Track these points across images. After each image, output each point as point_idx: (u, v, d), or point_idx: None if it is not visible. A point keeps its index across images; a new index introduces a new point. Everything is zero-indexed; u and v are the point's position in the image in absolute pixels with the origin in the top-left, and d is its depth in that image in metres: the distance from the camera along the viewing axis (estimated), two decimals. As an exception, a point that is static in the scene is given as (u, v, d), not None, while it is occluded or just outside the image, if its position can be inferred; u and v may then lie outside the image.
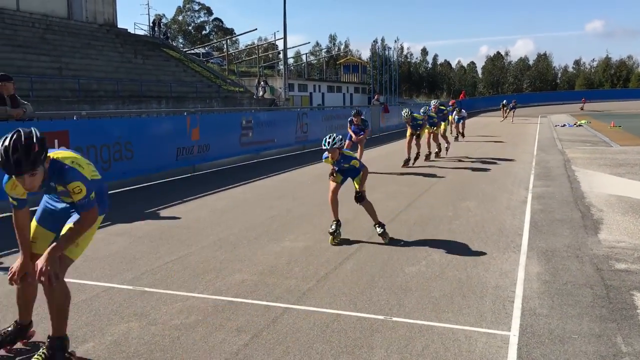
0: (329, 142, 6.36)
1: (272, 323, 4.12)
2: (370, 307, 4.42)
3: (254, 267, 5.52)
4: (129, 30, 37.37)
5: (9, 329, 3.67)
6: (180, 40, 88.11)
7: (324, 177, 12.00)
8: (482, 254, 5.91)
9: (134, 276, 5.25)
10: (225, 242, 6.52)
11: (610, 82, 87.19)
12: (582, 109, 52.59)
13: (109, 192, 9.81)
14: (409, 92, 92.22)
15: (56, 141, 8.90)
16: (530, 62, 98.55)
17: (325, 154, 6.55)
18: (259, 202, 9.21)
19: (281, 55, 49.23)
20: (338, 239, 6.45)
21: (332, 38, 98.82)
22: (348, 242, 6.46)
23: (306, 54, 77.85)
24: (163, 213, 8.30)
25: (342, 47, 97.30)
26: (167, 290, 4.86)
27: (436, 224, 7.34)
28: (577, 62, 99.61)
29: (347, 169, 6.68)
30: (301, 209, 8.54)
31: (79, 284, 4.97)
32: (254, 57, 62.04)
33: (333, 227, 6.52)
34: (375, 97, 30.83)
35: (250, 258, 5.83)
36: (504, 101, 38.30)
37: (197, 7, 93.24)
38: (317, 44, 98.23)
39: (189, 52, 51.23)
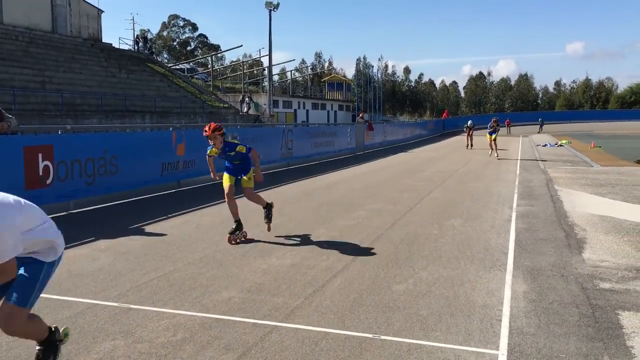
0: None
1: (260, 341, 4.09)
2: (358, 325, 4.41)
3: (241, 284, 5.49)
4: (113, 45, 37.33)
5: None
6: (165, 56, 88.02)
7: (310, 194, 12.05)
8: (469, 272, 5.94)
9: (119, 293, 5.18)
10: (212, 258, 6.48)
11: (589, 103, 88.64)
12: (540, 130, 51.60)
13: (94, 207, 9.76)
14: (393, 110, 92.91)
15: (40, 155, 8.82)
16: (512, 83, 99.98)
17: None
18: (245, 218, 9.11)
19: (266, 72, 49.41)
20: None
21: (318, 56, 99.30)
22: (335, 259, 6.45)
23: (291, 70, 78.28)
24: (148, 229, 8.23)
25: (327, 64, 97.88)
26: (154, 307, 4.80)
27: (422, 242, 7.37)
28: (557, 83, 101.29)
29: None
30: (288, 225, 8.52)
31: (62, 301, 4.90)
32: (238, 73, 62.20)
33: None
34: (360, 115, 31.02)
35: (237, 275, 5.80)
36: (469, 122, 30.65)
37: (182, 23, 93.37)
38: (303, 61, 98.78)
39: (174, 67, 51.22)
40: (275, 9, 39.16)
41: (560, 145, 31.00)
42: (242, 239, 7.36)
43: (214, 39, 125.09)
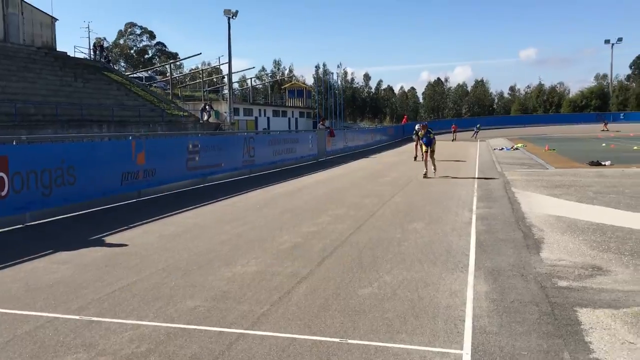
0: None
1: (227, 349, 4.06)
2: (325, 330, 4.42)
3: (206, 292, 5.44)
4: (68, 54, 36.51)
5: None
6: (122, 64, 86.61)
7: (272, 201, 12.02)
8: (432, 274, 6.03)
9: (80, 305, 5.07)
10: (175, 268, 6.40)
11: (543, 107, 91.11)
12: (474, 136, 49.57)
13: (52, 219, 9.52)
14: (353, 116, 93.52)
15: (-6, 166, 8.56)
16: (469, 88, 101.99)
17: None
18: (209, 227, 9.10)
19: (226, 80, 49.16)
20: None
21: (277, 63, 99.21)
22: (300, 265, 6.46)
23: (251, 78, 77.98)
24: (109, 240, 8.07)
25: (287, 72, 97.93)
26: (116, 319, 4.72)
27: (386, 246, 7.44)
28: (512, 88, 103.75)
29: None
30: (251, 233, 8.48)
31: (21, 315, 4.78)
32: (198, 81, 61.65)
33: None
34: (321, 122, 31.13)
35: (201, 284, 5.74)
36: (417, 126, 27.37)
37: (139, 31, 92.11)
38: (263, 68, 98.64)
39: (131, 75, 50.44)
40: (234, 17, 39.05)
41: (516, 149, 31.74)
42: None
43: (173, 47, 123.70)
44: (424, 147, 16.98)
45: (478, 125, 52.08)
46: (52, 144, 10.95)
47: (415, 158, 23.13)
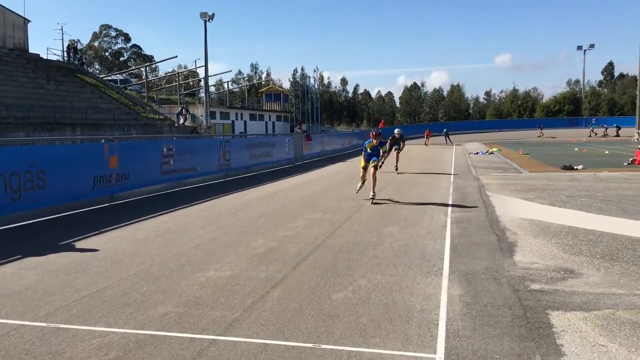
0: None
1: (197, 356, 3.99)
2: (298, 336, 4.37)
3: (177, 298, 5.35)
4: (41, 56, 35.91)
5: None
6: (97, 67, 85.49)
7: (248, 205, 11.93)
8: (407, 278, 6.02)
9: (48, 312, 4.94)
10: (147, 273, 6.30)
11: (517, 112, 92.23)
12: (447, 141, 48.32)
13: (21, 224, 9.31)
14: (330, 121, 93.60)
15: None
16: (445, 93, 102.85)
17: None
18: (182, 231, 8.99)
19: (202, 83, 48.83)
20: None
21: (254, 67, 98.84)
22: (274, 270, 6.40)
23: (228, 82, 77.62)
24: (79, 245, 7.92)
25: (264, 75, 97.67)
26: (84, 326, 4.61)
27: (361, 250, 7.42)
28: (487, 93, 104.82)
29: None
30: (226, 237, 8.39)
31: (-15, 323, 4.63)
32: (174, 84, 61.12)
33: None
34: (298, 126, 31.09)
35: (173, 289, 5.65)
36: (397, 130, 24.95)
37: (114, 33, 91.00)
38: (239, 72, 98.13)
39: (106, 78, 49.79)
40: (210, 20, 38.81)
41: (491, 153, 32.09)
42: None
43: (148, 49, 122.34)
44: (362, 162, 12.62)
45: (445, 130, 51.29)
46: (21, 147, 10.70)
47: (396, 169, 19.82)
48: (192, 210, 11.32)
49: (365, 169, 12.48)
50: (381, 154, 12.70)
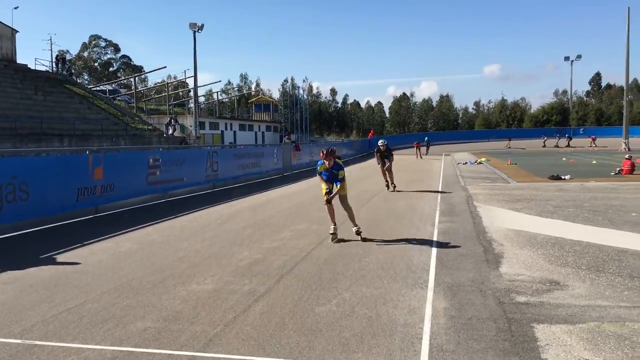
0: None
1: (175, 373, 3.90)
2: (279, 351, 4.29)
3: (157, 313, 5.25)
4: (29, 66, 35.68)
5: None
6: (86, 77, 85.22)
7: (235, 216, 11.83)
8: (392, 291, 5.96)
9: (23, 328, 4.83)
10: (128, 287, 6.18)
11: (506, 122, 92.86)
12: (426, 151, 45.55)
13: (1, 236, 9.16)
14: (320, 131, 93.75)
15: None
16: (434, 103, 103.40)
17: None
18: (166, 243, 8.88)
19: (192, 93, 48.73)
20: None
21: (243, 77, 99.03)
22: (258, 283, 6.31)
23: (217, 92, 77.54)
24: (60, 258, 7.78)
25: (254, 85, 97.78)
26: (61, 342, 4.49)
27: (347, 262, 7.35)
28: (476, 103, 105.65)
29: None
30: (210, 249, 8.30)
31: (-42, 340, 4.51)
32: (163, 94, 60.97)
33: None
34: (287, 136, 31.04)
35: (154, 304, 5.55)
36: (381, 141, 23.41)
37: (103, 44, 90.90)
38: (229, 82, 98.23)
39: (95, 88, 49.57)
40: (199, 30, 38.81)
41: (480, 163, 32.17)
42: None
43: (138, 60, 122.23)
44: (323, 187, 9.26)
45: (426, 139, 49.61)
46: (3, 159, 10.54)
47: (387, 187, 17.50)
48: (178, 222, 11.20)
49: (328, 201, 8.95)
50: (333, 188, 9.06)
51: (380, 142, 18.11)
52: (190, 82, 50.59)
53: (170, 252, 8.15)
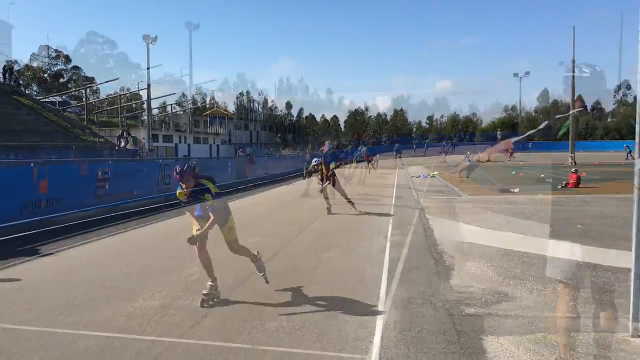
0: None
1: (116, 394, 3.74)
2: (226, 368, 4.19)
3: (101, 330, 5.06)
4: (-27, 76, 34.40)
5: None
6: (35, 88, 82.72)
7: (185, 230, 11.58)
8: (343, 305, 5.92)
9: (-45, 350, 4.57)
10: (70, 304, 5.95)
11: (458, 137, 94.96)
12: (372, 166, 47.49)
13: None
14: (275, 144, 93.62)
15: None
16: (388, 117, 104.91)
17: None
18: (114, 258, 8.62)
19: (145, 106, 47.92)
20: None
21: (198, 90, 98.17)
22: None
23: (172, 104, 76.44)
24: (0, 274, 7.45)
25: (208, 98, 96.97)
26: (-5, 364, 4.27)
27: (299, 276, 7.28)
28: (429, 118, 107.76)
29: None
30: (160, 263, 8.10)
31: None
32: (116, 106, 59.73)
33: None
34: (241, 149, 30.84)
35: (97, 321, 5.34)
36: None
37: (53, 54, 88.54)
38: (183, 95, 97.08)
39: (44, 100, 48.14)
40: (153, 42, 38.31)
41: (433, 177, 32.67)
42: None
43: (89, 71, 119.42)
44: (194, 228, 6.61)
45: (396, 146, 49.93)
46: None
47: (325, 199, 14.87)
48: (129, 236, 10.92)
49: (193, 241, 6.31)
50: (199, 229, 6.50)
51: (314, 162, 15.48)
52: (144, 94, 49.78)
53: (118, 267, 7.91)
